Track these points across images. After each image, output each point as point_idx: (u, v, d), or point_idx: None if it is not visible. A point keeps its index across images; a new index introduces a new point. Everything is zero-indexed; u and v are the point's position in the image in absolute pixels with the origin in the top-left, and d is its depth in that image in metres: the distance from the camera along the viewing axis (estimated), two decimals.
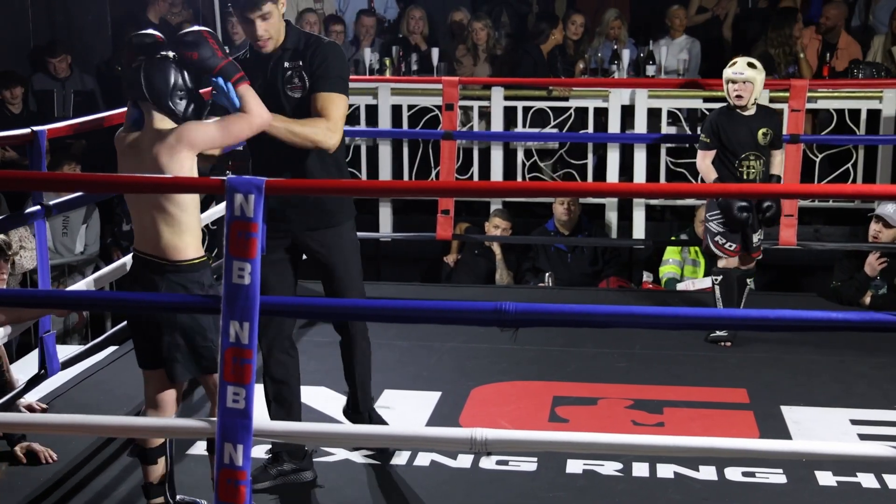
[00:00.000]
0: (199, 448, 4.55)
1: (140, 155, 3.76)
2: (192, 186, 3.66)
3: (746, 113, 5.94)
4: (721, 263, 6.03)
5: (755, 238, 6.05)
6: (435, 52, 8.87)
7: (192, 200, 3.79)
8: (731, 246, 5.99)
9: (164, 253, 3.76)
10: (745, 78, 5.88)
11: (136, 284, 3.83)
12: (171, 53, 3.75)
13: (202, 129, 3.75)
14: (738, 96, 5.89)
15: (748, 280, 6.18)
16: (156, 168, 3.69)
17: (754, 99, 5.93)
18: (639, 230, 7.99)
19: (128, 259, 5.67)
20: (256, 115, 3.81)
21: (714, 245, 6.01)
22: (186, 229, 3.78)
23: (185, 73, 3.75)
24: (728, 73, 5.92)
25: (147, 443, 3.92)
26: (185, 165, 3.73)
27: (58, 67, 9.05)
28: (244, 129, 3.82)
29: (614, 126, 8.07)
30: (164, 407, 3.94)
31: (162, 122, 3.76)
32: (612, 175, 7.98)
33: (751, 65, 5.91)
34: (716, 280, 6.08)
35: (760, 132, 5.91)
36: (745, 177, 5.89)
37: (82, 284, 5.29)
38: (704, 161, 5.97)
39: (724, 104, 6.03)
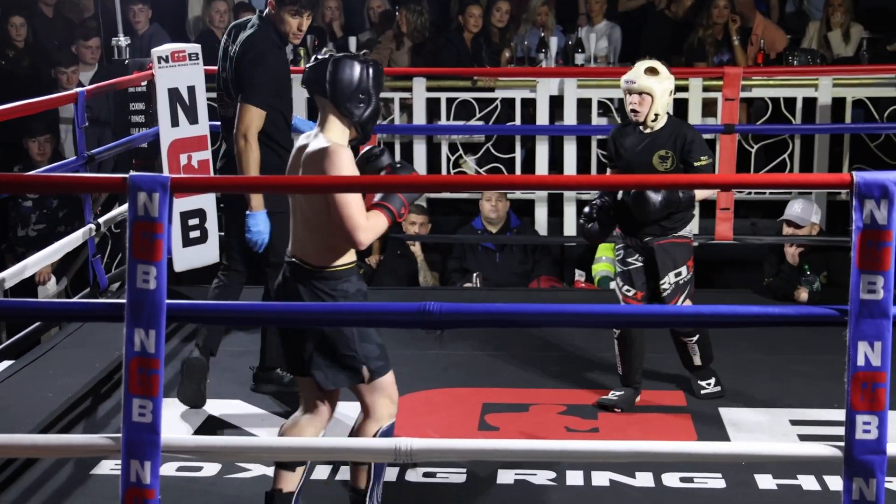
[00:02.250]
0: (105, 467, 4.50)
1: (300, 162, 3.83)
2: (91, 185, 3.61)
3: (647, 129, 5.09)
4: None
5: (661, 286, 5.10)
6: (352, 40, 8.86)
7: (359, 203, 3.74)
8: (629, 291, 5.18)
9: (311, 258, 3.80)
10: (640, 87, 4.97)
11: (283, 289, 3.87)
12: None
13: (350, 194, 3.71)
14: (634, 111, 5.01)
15: (686, 339, 5.30)
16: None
17: (654, 114, 5.01)
18: (570, 227, 8.05)
19: (24, 266, 5.60)
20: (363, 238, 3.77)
21: (618, 291, 5.27)
22: (329, 232, 3.76)
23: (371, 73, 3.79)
24: (622, 82, 5.05)
25: (359, 484, 3.96)
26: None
27: None
28: (363, 233, 3.75)
29: (542, 118, 8.13)
30: (319, 413, 3.98)
31: (330, 132, 3.79)
32: (542, 169, 8.04)
33: (651, 70, 5.01)
34: (614, 333, 5.21)
35: (657, 155, 5.05)
36: (639, 218, 5.06)
37: None
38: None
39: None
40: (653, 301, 5.15)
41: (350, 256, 3.86)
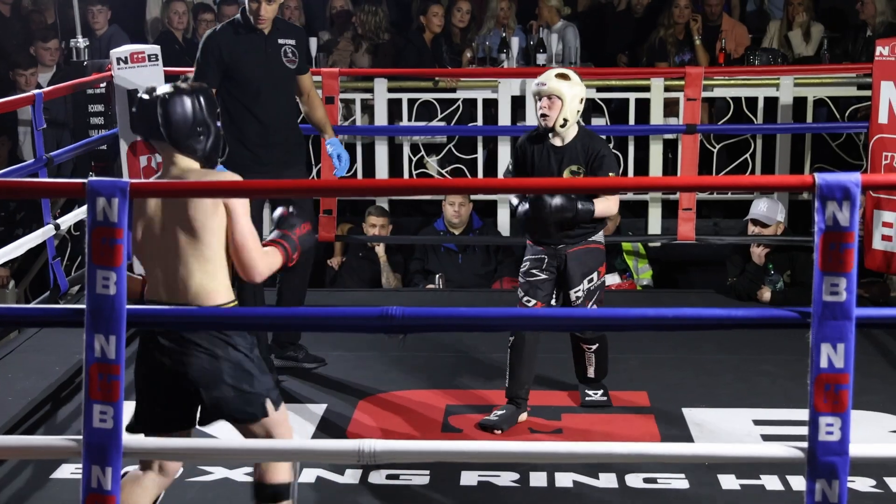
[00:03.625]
0: (65, 471, 4.47)
1: (157, 212, 3.55)
2: (50, 190, 3.58)
3: (557, 142, 4.97)
4: None
5: (573, 294, 5.04)
6: (313, 41, 8.82)
7: (220, 234, 3.53)
8: (529, 302, 5.08)
9: (196, 299, 3.53)
10: (551, 90, 4.85)
11: (160, 342, 3.56)
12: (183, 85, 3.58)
13: (244, 216, 3.52)
14: (543, 115, 4.88)
15: (584, 346, 5.27)
16: (188, 226, 3.48)
17: (564, 119, 4.89)
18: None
19: None
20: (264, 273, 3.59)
21: (518, 300, 5.15)
22: (220, 268, 3.55)
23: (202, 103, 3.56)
24: (532, 85, 4.98)
25: (274, 479, 3.76)
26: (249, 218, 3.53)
27: None
28: (264, 267, 3.57)
29: (504, 118, 8.14)
30: (167, 471, 3.74)
31: (185, 165, 3.57)
32: (504, 169, 8.02)
33: (561, 76, 4.91)
34: (508, 341, 5.14)
35: (568, 170, 4.95)
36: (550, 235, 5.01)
37: None
38: (510, 198, 5.17)
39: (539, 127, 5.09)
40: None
41: (229, 293, 3.60)
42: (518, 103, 8.15)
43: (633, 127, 7.96)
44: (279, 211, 3.74)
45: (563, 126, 4.92)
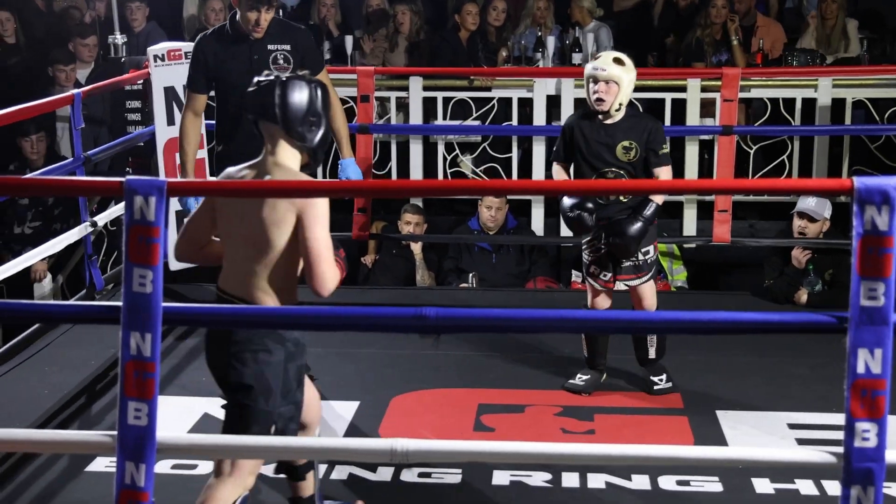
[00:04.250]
0: (100, 464, 4.50)
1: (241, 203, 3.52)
2: (88, 189, 3.60)
3: (609, 120, 5.10)
4: (588, 299, 5.44)
5: (640, 256, 5.26)
6: (349, 39, 8.84)
7: (286, 239, 3.49)
8: (605, 276, 5.28)
9: (254, 299, 3.55)
10: (609, 76, 4.99)
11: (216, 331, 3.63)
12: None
13: (320, 226, 3.47)
14: (599, 100, 5.01)
15: None
16: (258, 222, 3.47)
17: (619, 104, 5.04)
18: (567, 228, 8.03)
19: (20, 262, 5.60)
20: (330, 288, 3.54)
21: (591, 277, 5.34)
22: (283, 274, 3.55)
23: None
24: (588, 68, 5.08)
25: (295, 460, 3.90)
26: (326, 228, 3.47)
27: None
28: (331, 276, 3.51)
29: (540, 118, 8.12)
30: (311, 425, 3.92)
31: (283, 160, 3.55)
32: (538, 170, 8.02)
33: (618, 60, 5.04)
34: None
35: (621, 146, 5.07)
36: (601, 198, 5.12)
37: None
38: (559, 175, 5.29)
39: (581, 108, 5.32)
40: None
41: (292, 299, 3.63)
42: (553, 103, 8.12)
43: (669, 127, 7.90)
44: None
45: (617, 110, 5.06)
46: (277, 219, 3.44)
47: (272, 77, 3.54)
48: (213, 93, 5.43)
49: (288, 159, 3.55)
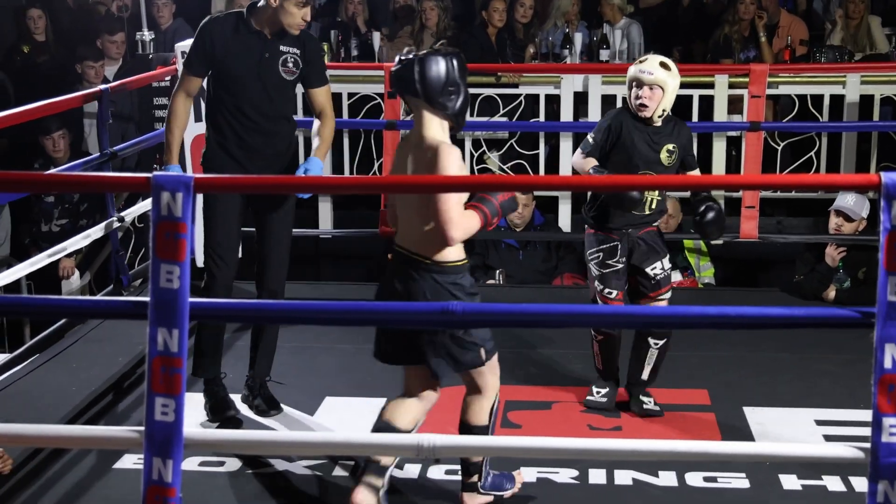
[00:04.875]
0: (127, 461, 4.53)
1: (407, 160, 3.98)
2: (115, 185, 3.63)
3: (653, 123, 4.99)
4: None
5: (652, 271, 5.05)
6: (376, 36, 8.85)
7: (459, 200, 3.87)
8: (611, 293, 5.05)
9: (427, 252, 3.92)
10: (655, 80, 4.86)
11: (396, 278, 4.01)
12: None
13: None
14: (642, 105, 4.90)
15: (652, 341, 5.10)
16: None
17: (662, 110, 4.93)
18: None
19: (46, 255, 5.64)
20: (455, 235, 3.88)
21: (596, 294, 5.11)
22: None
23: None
24: (633, 71, 4.94)
25: (394, 421, 4.13)
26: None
27: None
28: (455, 229, 3.86)
29: (567, 114, 8.11)
30: (426, 398, 4.16)
31: (430, 128, 3.91)
32: (566, 166, 8.01)
33: (664, 65, 4.91)
34: (595, 337, 5.16)
35: (665, 149, 4.97)
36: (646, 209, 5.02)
37: None
38: (585, 166, 5.00)
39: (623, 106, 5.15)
40: (635, 297, 5.11)
41: (461, 251, 3.97)
42: (580, 99, 8.12)
43: (697, 124, 7.88)
44: None
45: (660, 116, 4.96)
46: (424, 174, 3.87)
47: (411, 55, 3.89)
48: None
49: (434, 128, 3.92)
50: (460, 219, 3.83)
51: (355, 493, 4.03)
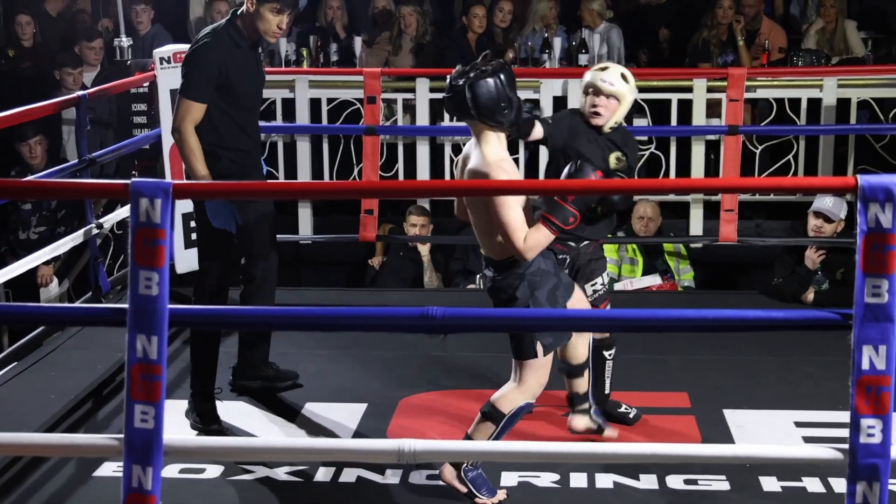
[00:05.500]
0: (107, 469, 4.51)
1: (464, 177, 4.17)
2: (93, 191, 3.62)
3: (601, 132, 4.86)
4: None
5: (588, 289, 4.88)
6: (358, 41, 8.86)
7: (485, 208, 4.05)
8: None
9: (493, 254, 4.17)
10: (614, 91, 4.76)
11: (490, 283, 4.23)
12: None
13: (512, 201, 3.98)
14: (596, 113, 4.78)
15: (606, 353, 5.02)
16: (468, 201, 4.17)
17: (615, 122, 4.83)
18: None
19: (24, 263, 5.61)
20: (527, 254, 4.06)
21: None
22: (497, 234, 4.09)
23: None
24: (592, 77, 4.83)
25: (573, 359, 4.67)
26: (510, 209, 3.99)
27: None
28: (526, 251, 4.04)
29: None
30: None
31: (489, 144, 4.07)
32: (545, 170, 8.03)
33: (624, 77, 4.81)
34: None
35: (614, 156, 4.85)
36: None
37: None
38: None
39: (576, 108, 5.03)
40: None
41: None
42: (560, 104, 8.13)
43: (676, 128, 7.93)
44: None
45: (612, 127, 4.83)
46: (473, 199, 4.12)
47: (460, 81, 4.03)
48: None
49: (493, 143, 4.07)
50: (526, 235, 4.00)
51: (572, 420, 4.74)
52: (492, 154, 4.04)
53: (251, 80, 5.10)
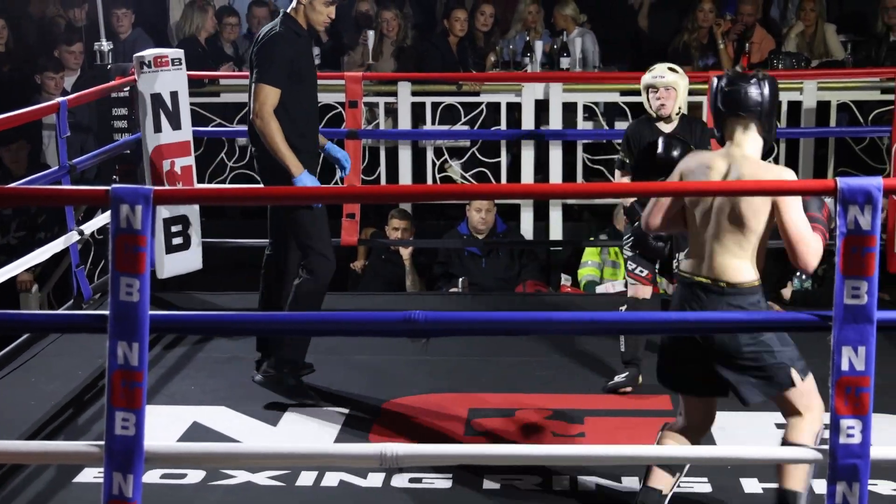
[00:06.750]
0: (88, 475, 4.50)
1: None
2: (74, 198, 3.61)
3: (666, 126, 5.50)
4: (630, 292, 5.62)
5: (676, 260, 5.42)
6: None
7: (766, 224, 3.82)
8: (642, 272, 5.56)
9: (726, 275, 3.82)
10: (668, 83, 5.46)
11: (685, 305, 3.88)
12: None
13: (795, 208, 3.75)
14: (662, 105, 5.47)
15: None
16: (738, 213, 3.82)
17: (678, 108, 5.50)
18: (556, 231, 8.06)
19: (4, 272, 5.59)
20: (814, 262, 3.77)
21: (627, 273, 5.64)
22: (754, 253, 3.85)
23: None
24: (647, 78, 5.52)
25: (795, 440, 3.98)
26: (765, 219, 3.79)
27: None
28: (812, 252, 3.74)
29: (528, 122, 8.14)
30: (703, 427, 4.13)
31: (754, 148, 3.92)
32: (527, 174, 8.05)
33: (672, 69, 5.51)
34: (622, 310, 5.56)
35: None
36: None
37: None
38: (622, 181, 5.59)
39: (643, 116, 5.64)
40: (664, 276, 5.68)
41: (755, 271, 3.86)
42: (541, 107, 8.15)
43: None
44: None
45: (677, 114, 5.48)
46: (756, 207, 3.79)
47: (750, 75, 3.92)
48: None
49: (755, 150, 3.94)
50: (817, 248, 3.75)
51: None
52: (757, 156, 3.95)
53: (311, 67, 5.38)
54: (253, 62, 5.23)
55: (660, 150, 5.02)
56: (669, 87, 5.45)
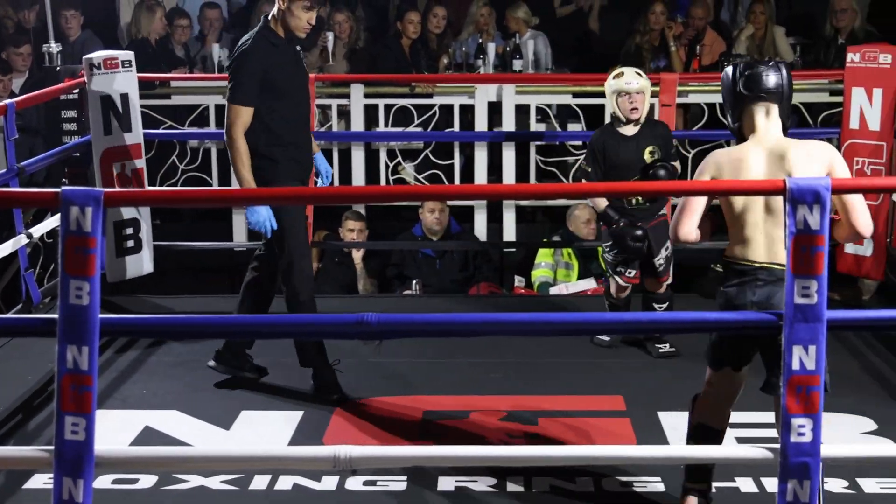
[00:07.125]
0: (38, 481, 4.45)
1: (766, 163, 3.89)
2: (22, 200, 3.58)
3: (629, 131, 5.67)
4: (612, 289, 5.91)
5: (657, 262, 5.79)
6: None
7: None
8: (630, 273, 5.83)
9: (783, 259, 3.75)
10: (640, 88, 5.59)
11: (754, 291, 3.81)
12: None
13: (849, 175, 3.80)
14: (635, 109, 5.60)
15: (657, 306, 5.84)
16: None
17: (645, 111, 5.67)
18: (509, 233, 8.08)
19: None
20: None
21: (617, 276, 5.85)
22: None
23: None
24: (618, 84, 5.60)
25: None
26: None
27: None
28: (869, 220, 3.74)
29: (481, 124, 8.16)
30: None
31: (781, 129, 3.94)
32: (481, 176, 8.07)
33: (638, 73, 5.65)
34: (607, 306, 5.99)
35: (647, 151, 5.65)
36: (633, 203, 5.70)
37: None
38: (600, 204, 5.73)
39: (607, 123, 5.78)
40: (645, 277, 5.84)
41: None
42: (494, 109, 8.17)
43: None
44: None
45: (645, 117, 5.66)
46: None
47: (767, 60, 4.04)
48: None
49: (780, 133, 3.95)
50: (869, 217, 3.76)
51: None
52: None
53: (293, 76, 5.27)
54: (228, 77, 5.20)
55: (628, 241, 5.53)
56: (641, 92, 5.60)
